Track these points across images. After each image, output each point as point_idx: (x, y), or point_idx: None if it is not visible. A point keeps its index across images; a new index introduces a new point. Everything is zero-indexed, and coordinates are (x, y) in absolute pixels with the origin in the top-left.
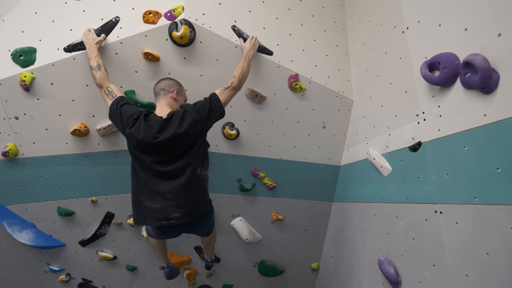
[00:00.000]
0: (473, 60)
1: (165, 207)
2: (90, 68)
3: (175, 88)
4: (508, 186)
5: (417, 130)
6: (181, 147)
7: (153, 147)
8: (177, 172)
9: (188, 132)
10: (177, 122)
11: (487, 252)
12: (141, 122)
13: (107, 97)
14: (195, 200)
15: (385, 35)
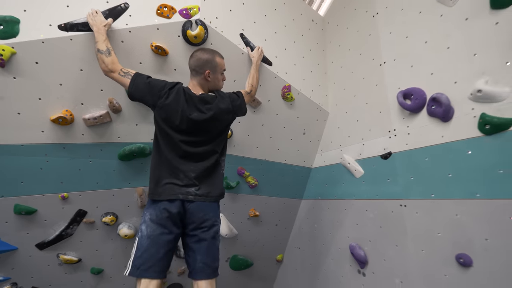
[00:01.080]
0: (439, 98)
1: (186, 185)
2: (98, 51)
3: (207, 68)
4: (455, 186)
5: (389, 143)
6: (212, 132)
7: (187, 124)
8: (204, 155)
9: (222, 119)
10: (214, 106)
11: (438, 232)
12: (180, 94)
13: (124, 78)
14: (214, 184)
15: (364, 64)
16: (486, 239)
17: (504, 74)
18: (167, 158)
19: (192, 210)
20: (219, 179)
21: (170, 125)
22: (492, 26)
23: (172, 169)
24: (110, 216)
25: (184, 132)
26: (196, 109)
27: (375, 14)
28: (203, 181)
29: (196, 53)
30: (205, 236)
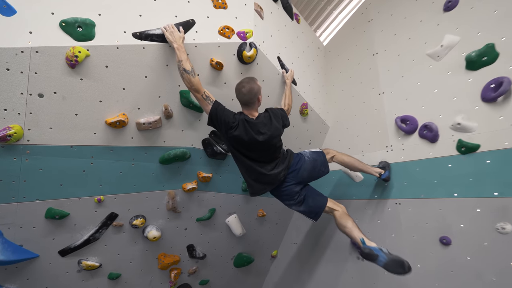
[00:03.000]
0: (431, 125)
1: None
2: (185, 71)
3: (258, 95)
4: (439, 189)
5: (386, 155)
6: (274, 145)
7: (255, 145)
8: (274, 168)
9: (277, 134)
10: (272, 127)
11: (426, 222)
12: (245, 124)
13: (205, 102)
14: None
15: (364, 91)
16: (461, 225)
17: (474, 115)
18: (251, 168)
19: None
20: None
21: (240, 151)
22: (466, 81)
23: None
24: (141, 219)
25: (255, 150)
26: (259, 133)
27: (375, 53)
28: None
29: (246, 86)
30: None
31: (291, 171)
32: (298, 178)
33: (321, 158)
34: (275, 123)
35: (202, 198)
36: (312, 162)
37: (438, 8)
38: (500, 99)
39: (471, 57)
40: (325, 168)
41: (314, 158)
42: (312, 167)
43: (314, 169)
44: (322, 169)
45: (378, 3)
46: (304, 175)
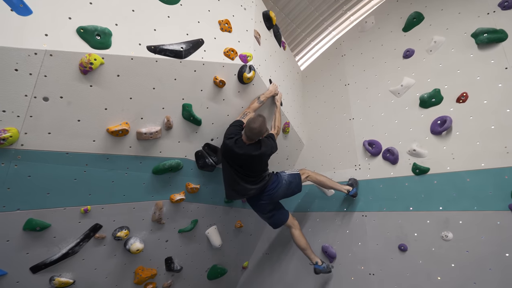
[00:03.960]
0: (393, 150)
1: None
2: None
3: (263, 136)
4: (398, 203)
5: (355, 173)
6: (255, 168)
7: (239, 159)
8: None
9: (259, 161)
10: (258, 151)
11: (388, 232)
12: (238, 142)
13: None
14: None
15: (337, 115)
16: (415, 234)
17: (425, 143)
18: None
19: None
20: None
21: (228, 161)
22: (420, 116)
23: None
24: (125, 231)
25: (237, 163)
26: (245, 152)
27: (347, 84)
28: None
29: (258, 127)
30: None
31: (268, 192)
32: (273, 198)
33: (296, 180)
34: (263, 153)
35: (187, 209)
36: (287, 185)
37: (399, 55)
38: (444, 133)
39: (423, 97)
40: (297, 189)
41: (290, 181)
42: (286, 189)
43: (288, 190)
44: (295, 190)
45: (351, 42)
46: (279, 196)
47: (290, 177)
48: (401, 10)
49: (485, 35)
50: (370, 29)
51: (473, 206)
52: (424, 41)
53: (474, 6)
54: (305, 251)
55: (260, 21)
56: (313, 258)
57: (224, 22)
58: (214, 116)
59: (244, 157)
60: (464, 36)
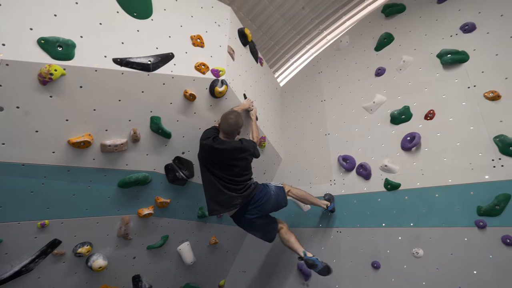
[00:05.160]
0: (365, 165)
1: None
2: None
3: (239, 129)
4: (371, 219)
5: (330, 188)
6: (238, 167)
7: (220, 158)
8: (233, 191)
9: (242, 157)
10: (239, 146)
11: (361, 249)
12: (217, 139)
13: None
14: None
15: (313, 131)
16: (388, 251)
17: (396, 159)
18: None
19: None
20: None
21: (207, 166)
22: (391, 132)
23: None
24: (87, 246)
25: (218, 164)
26: (224, 146)
27: (323, 100)
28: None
29: (234, 118)
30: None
31: (256, 204)
32: (263, 211)
33: (282, 193)
34: (244, 148)
35: (156, 224)
36: (275, 196)
37: (371, 73)
38: (413, 149)
39: (394, 114)
40: (284, 203)
41: (277, 193)
42: (275, 201)
43: (277, 203)
44: (282, 203)
45: (327, 60)
46: (268, 208)
47: (277, 189)
48: (373, 30)
49: (448, 55)
50: (345, 48)
51: (442, 222)
52: (394, 60)
53: (439, 28)
54: (293, 245)
55: (235, 37)
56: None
57: (196, 38)
58: (185, 129)
59: (226, 154)
60: (430, 56)
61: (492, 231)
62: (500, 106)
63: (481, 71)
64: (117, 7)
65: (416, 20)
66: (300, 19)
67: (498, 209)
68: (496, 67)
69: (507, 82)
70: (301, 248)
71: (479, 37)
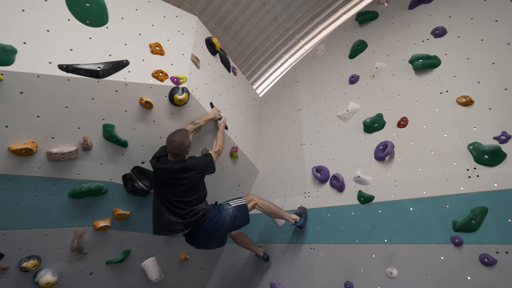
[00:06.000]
0: (338, 176)
1: (163, 226)
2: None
3: (187, 150)
4: (345, 235)
5: (304, 201)
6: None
7: (165, 179)
8: (173, 215)
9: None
10: (186, 169)
11: (334, 268)
12: (165, 161)
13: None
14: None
15: (289, 141)
16: (361, 270)
17: (369, 170)
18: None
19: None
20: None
21: (156, 185)
22: (364, 141)
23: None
24: (33, 260)
25: (164, 185)
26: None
27: (299, 109)
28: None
29: (177, 140)
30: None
31: (206, 232)
32: (212, 237)
33: (242, 213)
34: (188, 167)
35: (116, 238)
36: (232, 221)
37: (345, 81)
38: (387, 159)
39: (366, 122)
40: (244, 222)
41: (235, 215)
42: (230, 225)
43: (232, 226)
44: (241, 224)
45: (304, 69)
46: (218, 234)
47: (235, 210)
48: (347, 38)
49: (420, 61)
50: (321, 56)
51: (416, 239)
52: (367, 67)
53: (411, 33)
54: (250, 246)
55: (202, 46)
56: (259, 251)
57: (155, 45)
58: (144, 138)
59: (166, 174)
60: (402, 62)
61: (469, 248)
62: (473, 112)
63: (453, 76)
64: (69, 15)
65: (388, 26)
66: (274, 29)
67: (474, 224)
68: (468, 71)
69: (480, 86)
70: (261, 250)
71: (450, 41)
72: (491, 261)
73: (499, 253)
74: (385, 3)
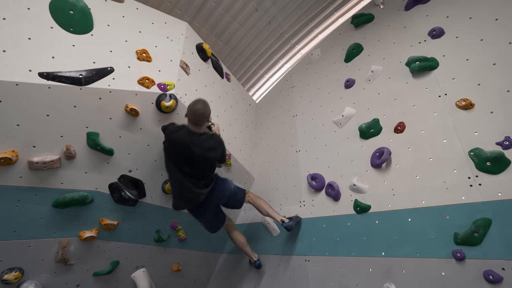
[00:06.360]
0: (332, 184)
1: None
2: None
3: (208, 118)
4: (341, 247)
5: (299, 210)
6: (207, 166)
7: (190, 156)
8: (199, 187)
9: (214, 157)
10: (210, 145)
11: (330, 282)
12: (188, 133)
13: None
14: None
15: (285, 147)
16: (357, 285)
17: (366, 178)
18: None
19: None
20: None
21: (175, 162)
22: (360, 148)
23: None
24: (16, 272)
25: (186, 162)
26: (196, 146)
27: (295, 115)
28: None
29: (201, 108)
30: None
31: (216, 194)
32: (219, 201)
33: (240, 196)
34: (215, 147)
35: (103, 249)
36: (233, 194)
37: (341, 85)
38: (383, 166)
39: (362, 128)
40: (238, 205)
41: (235, 192)
42: (230, 197)
43: (230, 200)
44: (235, 204)
45: (299, 74)
46: (223, 200)
47: (237, 189)
48: (343, 42)
49: (416, 63)
50: (316, 61)
51: (415, 252)
52: (363, 71)
53: (407, 35)
54: (245, 248)
55: (192, 52)
56: (253, 256)
57: (141, 52)
58: (130, 146)
59: (198, 151)
60: (399, 65)
61: (472, 264)
62: (473, 116)
63: (452, 78)
64: (52, 23)
65: (384, 28)
66: (268, 34)
67: (477, 236)
68: (467, 73)
69: (480, 88)
70: (255, 255)
71: (448, 42)
72: (496, 278)
73: (505, 269)
74: (381, 5)
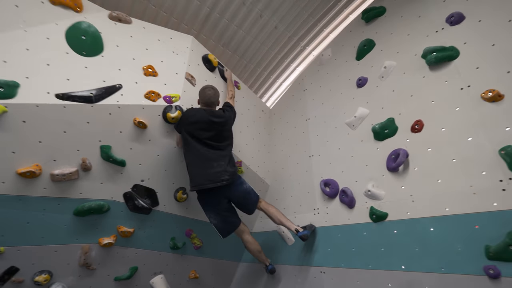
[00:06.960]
0: (346, 191)
1: (209, 177)
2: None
3: (219, 99)
4: (357, 259)
5: (313, 219)
6: (225, 132)
7: (210, 124)
8: (221, 164)
9: (230, 123)
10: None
11: None
12: (205, 109)
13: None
14: None
15: (298, 153)
16: None
17: (381, 183)
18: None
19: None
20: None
21: (194, 135)
22: (375, 150)
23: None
24: (45, 275)
25: (206, 130)
26: (215, 116)
27: (307, 119)
28: None
29: (212, 90)
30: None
31: (233, 188)
32: (233, 194)
33: (254, 197)
34: (229, 113)
35: (122, 255)
36: (247, 193)
37: (353, 84)
38: (400, 169)
39: (375, 128)
40: (252, 207)
41: (249, 191)
42: (244, 195)
43: (244, 199)
44: (248, 205)
45: (311, 76)
46: (237, 196)
47: (251, 190)
48: (354, 39)
49: (433, 54)
50: (328, 61)
51: (440, 267)
52: (376, 68)
53: (422, 25)
54: (258, 254)
55: (198, 64)
56: (265, 260)
57: (147, 68)
58: (141, 157)
59: (218, 119)
60: (414, 58)
61: (509, 283)
62: (503, 109)
63: (476, 67)
64: (67, 49)
65: (397, 20)
66: (276, 39)
67: None
68: (493, 60)
69: (510, 77)
70: (267, 260)
71: (469, 28)
72: None
73: None
74: None
